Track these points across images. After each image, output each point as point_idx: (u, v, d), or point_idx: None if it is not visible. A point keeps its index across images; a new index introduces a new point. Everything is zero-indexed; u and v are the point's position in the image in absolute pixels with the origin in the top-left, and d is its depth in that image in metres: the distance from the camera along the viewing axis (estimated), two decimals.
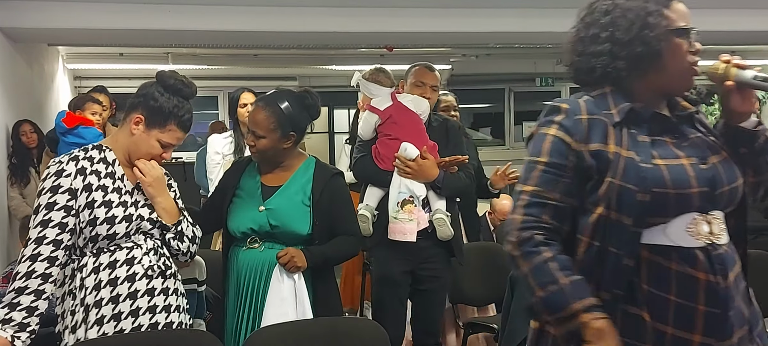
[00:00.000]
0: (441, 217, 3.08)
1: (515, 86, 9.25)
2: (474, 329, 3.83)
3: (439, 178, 3.10)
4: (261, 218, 2.54)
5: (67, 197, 2.12)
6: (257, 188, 2.61)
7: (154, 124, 2.24)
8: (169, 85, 2.27)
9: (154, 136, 2.24)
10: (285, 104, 2.61)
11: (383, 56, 7.39)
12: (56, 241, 2.10)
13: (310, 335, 2.39)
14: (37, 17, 4.65)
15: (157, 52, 7.16)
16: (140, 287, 2.20)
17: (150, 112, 2.23)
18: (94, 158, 2.20)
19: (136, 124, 2.23)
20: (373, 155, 3.19)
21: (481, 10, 5.22)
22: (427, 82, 3.30)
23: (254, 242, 2.56)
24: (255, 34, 5.31)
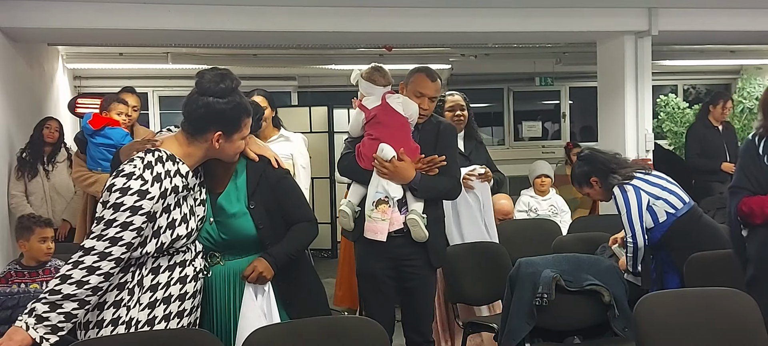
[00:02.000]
0: (414, 218, 3.10)
1: (514, 86, 9.25)
2: (474, 329, 3.84)
3: (415, 179, 3.11)
4: (212, 230, 2.51)
5: (144, 219, 2.13)
6: (208, 199, 2.53)
7: (232, 132, 2.33)
8: (221, 90, 2.30)
9: (237, 138, 2.35)
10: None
11: (382, 56, 7.38)
12: (119, 259, 2.12)
13: (309, 334, 2.39)
14: (37, 17, 4.64)
15: (157, 52, 7.16)
16: (189, 289, 2.29)
17: (224, 125, 2.31)
18: (170, 172, 2.22)
19: (217, 141, 2.31)
20: (356, 154, 3.22)
21: (481, 10, 5.22)
22: (426, 94, 3.22)
23: (215, 257, 2.54)
24: (255, 34, 5.30)
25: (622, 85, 5.69)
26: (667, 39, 5.92)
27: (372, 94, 3.26)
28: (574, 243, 4.11)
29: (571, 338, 3.33)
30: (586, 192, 3.77)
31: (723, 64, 8.85)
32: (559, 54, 8.40)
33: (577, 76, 8.96)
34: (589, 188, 3.70)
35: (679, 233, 3.43)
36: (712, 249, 3.35)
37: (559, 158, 7.75)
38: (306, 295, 2.68)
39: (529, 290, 3.21)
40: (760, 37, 6.17)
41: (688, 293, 2.72)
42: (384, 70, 3.32)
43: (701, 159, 6.33)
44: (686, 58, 8.04)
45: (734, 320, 2.64)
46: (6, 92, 4.86)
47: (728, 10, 5.50)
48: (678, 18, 5.48)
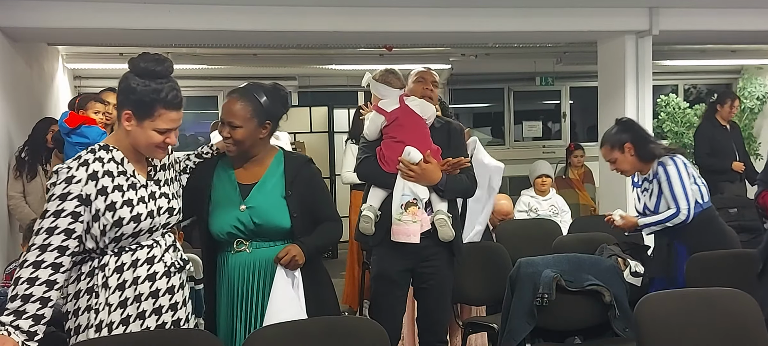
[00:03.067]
0: (442, 218, 3.10)
1: (515, 86, 9.24)
2: (474, 329, 3.84)
3: (442, 181, 3.12)
4: (243, 217, 2.54)
5: (76, 203, 2.11)
6: (234, 187, 2.59)
7: (142, 116, 2.21)
8: (142, 70, 2.23)
9: (148, 126, 2.22)
10: (260, 94, 2.62)
11: (383, 56, 7.38)
12: (61, 247, 2.09)
13: (310, 334, 2.39)
14: (37, 17, 4.64)
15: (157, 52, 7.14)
16: (161, 286, 2.23)
17: (134, 105, 2.21)
18: (103, 159, 2.19)
19: (127, 121, 2.22)
20: (377, 157, 3.20)
21: (481, 10, 5.21)
22: (427, 78, 3.38)
23: (241, 245, 2.56)
24: (255, 34, 5.30)
25: (623, 85, 5.69)
26: (667, 39, 5.91)
27: (388, 96, 3.26)
28: (575, 243, 4.11)
29: (571, 339, 3.33)
30: (612, 157, 3.66)
31: (724, 64, 8.84)
32: (559, 54, 8.39)
33: (578, 76, 8.95)
34: (619, 152, 3.62)
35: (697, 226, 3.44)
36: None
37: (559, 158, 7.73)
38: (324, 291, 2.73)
39: (530, 290, 3.21)
40: (760, 37, 6.16)
41: (689, 293, 2.72)
42: (397, 72, 3.34)
43: (711, 159, 6.31)
44: (687, 58, 8.03)
45: (735, 320, 2.64)
46: (6, 92, 4.85)
47: (729, 10, 5.50)
48: (679, 18, 5.47)
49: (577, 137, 9.23)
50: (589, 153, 7.34)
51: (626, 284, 3.39)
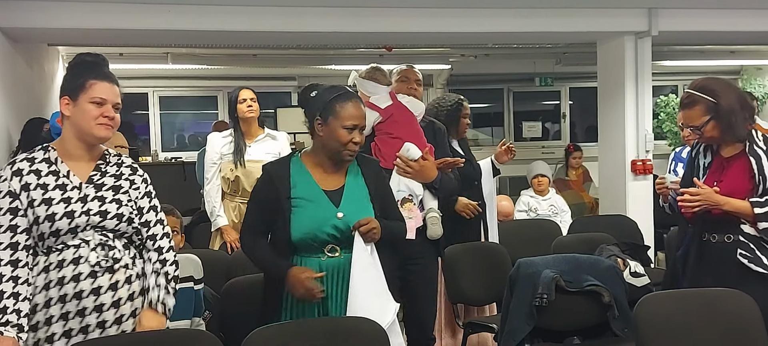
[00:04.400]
0: (434, 215, 3.13)
1: (514, 86, 9.25)
2: (474, 329, 3.84)
3: (437, 179, 3.13)
4: (340, 223, 2.50)
5: (9, 199, 2.15)
6: (320, 193, 2.53)
7: (76, 93, 2.24)
8: (73, 64, 2.33)
9: (84, 101, 2.24)
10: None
11: (382, 56, 7.38)
12: (12, 244, 2.14)
13: (310, 334, 2.39)
14: (37, 17, 4.64)
15: (157, 52, 7.15)
16: (85, 287, 2.18)
17: (69, 89, 2.26)
18: (35, 159, 2.24)
19: (65, 106, 2.26)
20: (373, 153, 3.20)
21: (481, 10, 5.22)
22: (411, 77, 3.43)
23: (334, 250, 2.52)
24: (255, 34, 5.30)
25: (622, 86, 5.69)
26: (667, 39, 5.92)
27: (377, 93, 3.27)
28: (574, 243, 4.12)
29: (570, 339, 3.33)
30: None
31: (723, 65, 8.84)
32: (559, 54, 8.39)
33: (577, 77, 8.95)
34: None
35: None
36: None
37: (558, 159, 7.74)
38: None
39: (529, 290, 3.21)
40: (760, 38, 6.17)
41: (688, 293, 2.72)
42: (384, 69, 3.35)
43: None
44: (686, 58, 8.03)
45: (734, 320, 2.64)
46: (6, 93, 4.86)
47: (728, 10, 5.50)
48: (678, 18, 5.48)
49: (576, 138, 9.23)
50: (589, 153, 7.35)
51: (626, 285, 3.39)
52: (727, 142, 2.81)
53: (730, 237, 2.76)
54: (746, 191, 2.73)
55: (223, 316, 3.08)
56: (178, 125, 9.55)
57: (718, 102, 2.74)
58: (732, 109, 2.74)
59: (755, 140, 2.78)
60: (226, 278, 3.30)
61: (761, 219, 2.68)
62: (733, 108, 2.75)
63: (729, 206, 2.70)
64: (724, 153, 2.84)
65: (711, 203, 2.70)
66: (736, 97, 2.80)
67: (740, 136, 2.77)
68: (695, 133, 2.82)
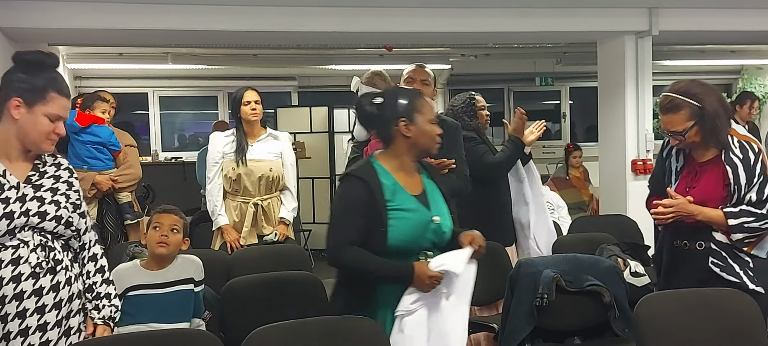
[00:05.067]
0: None
1: (515, 86, 9.25)
2: (474, 329, 3.83)
3: None
4: (437, 228, 2.46)
5: None
6: (409, 198, 2.47)
7: (34, 101, 2.17)
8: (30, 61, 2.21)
9: (39, 112, 2.17)
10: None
11: (383, 56, 7.38)
12: None
13: (310, 335, 2.39)
14: (37, 17, 4.65)
15: (157, 52, 7.16)
16: (27, 288, 2.12)
17: (24, 92, 2.16)
18: None
19: (16, 109, 2.16)
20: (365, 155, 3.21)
21: (481, 10, 5.22)
22: (416, 77, 3.39)
23: (427, 255, 2.45)
24: (255, 34, 5.31)
25: (623, 86, 5.69)
26: (667, 39, 5.92)
27: None
28: (574, 243, 4.11)
29: (571, 339, 3.33)
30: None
31: (723, 64, 8.85)
32: (559, 54, 8.39)
33: (578, 77, 8.96)
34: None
35: None
36: None
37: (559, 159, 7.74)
38: None
39: (530, 290, 3.20)
40: (760, 37, 6.17)
41: (688, 293, 2.72)
42: (384, 74, 3.36)
43: None
44: (687, 58, 8.03)
45: (734, 320, 2.64)
46: None
47: (728, 10, 5.50)
48: (678, 18, 5.48)
49: (576, 137, 9.23)
50: (589, 153, 7.35)
51: (626, 285, 3.39)
52: (701, 145, 2.73)
53: (702, 245, 2.71)
54: (720, 198, 2.67)
55: (223, 316, 3.07)
56: (178, 125, 9.55)
57: (702, 106, 2.65)
58: (716, 113, 2.66)
59: (732, 147, 2.70)
60: (226, 278, 3.30)
61: (734, 230, 2.63)
62: (718, 112, 2.68)
63: (703, 216, 2.64)
64: (697, 157, 2.77)
65: (684, 213, 2.64)
66: (718, 100, 2.72)
67: (723, 142, 2.69)
68: (676, 138, 2.71)
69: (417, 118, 2.46)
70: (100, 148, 4.46)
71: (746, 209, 2.63)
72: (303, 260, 3.82)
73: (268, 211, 4.07)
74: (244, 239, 3.97)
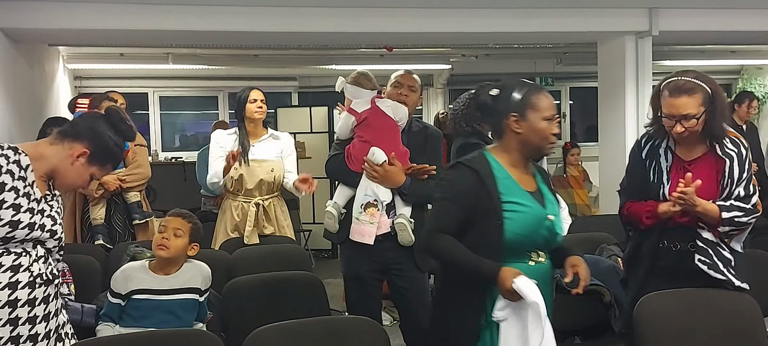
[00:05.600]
0: (402, 222, 3.14)
1: None
2: None
3: (405, 184, 3.14)
4: (552, 228, 2.39)
5: None
6: (524, 194, 2.38)
7: (96, 162, 2.25)
8: (119, 127, 2.30)
9: (92, 170, 2.26)
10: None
11: (383, 56, 7.39)
12: None
13: (310, 334, 2.40)
14: (38, 17, 4.64)
15: (157, 52, 7.16)
16: (21, 296, 2.12)
17: (97, 149, 2.24)
18: (9, 158, 2.15)
19: (78, 157, 2.23)
20: (345, 155, 3.23)
21: (481, 10, 5.22)
22: (403, 82, 3.36)
23: (539, 255, 2.39)
24: (255, 34, 5.31)
25: (623, 86, 5.69)
26: (667, 39, 5.92)
27: (360, 97, 3.32)
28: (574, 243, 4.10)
29: (571, 339, 3.33)
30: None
31: (723, 65, 8.85)
32: (559, 54, 8.40)
33: (578, 77, 8.96)
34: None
35: None
36: None
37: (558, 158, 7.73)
38: None
39: None
40: (760, 37, 6.17)
41: (689, 292, 2.72)
42: (370, 75, 3.37)
43: None
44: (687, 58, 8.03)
45: (734, 320, 2.64)
46: (7, 93, 4.86)
47: (729, 10, 5.50)
48: (678, 18, 5.48)
49: (576, 137, 9.23)
50: (589, 153, 7.35)
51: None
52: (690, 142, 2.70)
53: (689, 244, 2.68)
54: (711, 194, 2.65)
55: (223, 316, 3.08)
56: (179, 125, 9.56)
57: (713, 93, 2.64)
58: (724, 104, 2.68)
59: (724, 143, 2.69)
60: (226, 278, 3.30)
61: (725, 223, 2.62)
62: (724, 102, 2.70)
63: (701, 209, 2.60)
64: (683, 155, 2.73)
65: (691, 203, 2.59)
66: (723, 92, 2.75)
67: (720, 136, 2.67)
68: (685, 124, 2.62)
69: (529, 115, 2.35)
70: None
71: (736, 204, 2.62)
72: (303, 260, 3.83)
73: (269, 211, 4.08)
74: (247, 239, 3.97)
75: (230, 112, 8.82)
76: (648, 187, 2.74)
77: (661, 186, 2.71)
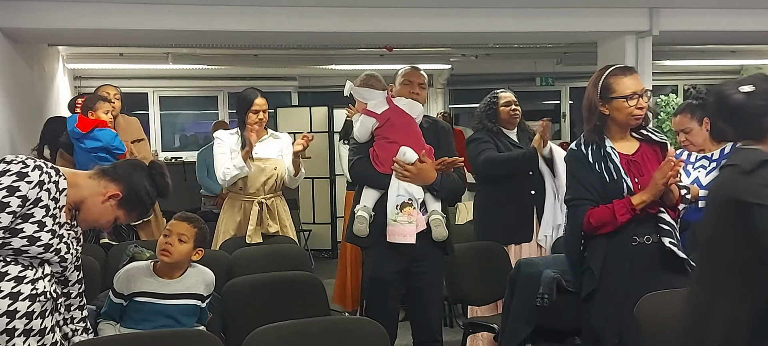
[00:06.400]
0: (437, 218, 3.12)
1: (515, 86, 9.16)
2: (474, 329, 3.84)
3: (437, 181, 3.13)
4: None
5: (19, 202, 2.05)
6: None
7: (125, 207, 2.27)
8: (157, 181, 2.33)
9: (118, 213, 2.27)
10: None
11: (383, 56, 7.39)
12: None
13: (310, 334, 2.39)
14: (37, 17, 4.64)
15: (157, 52, 7.16)
16: (21, 308, 2.10)
17: (129, 195, 2.26)
18: (51, 176, 2.14)
19: (110, 198, 2.24)
20: (371, 158, 3.21)
21: (481, 10, 5.22)
22: (414, 80, 3.34)
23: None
24: (255, 34, 5.30)
25: None
26: (667, 39, 5.92)
27: (373, 99, 3.28)
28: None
29: (571, 339, 3.33)
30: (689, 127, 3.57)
31: (724, 65, 8.85)
32: (559, 54, 8.40)
33: (578, 77, 8.95)
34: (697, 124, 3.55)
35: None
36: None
37: None
38: None
39: (530, 290, 3.20)
40: (760, 37, 6.16)
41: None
42: (378, 75, 3.36)
43: None
44: (687, 58, 8.04)
45: None
46: (7, 93, 4.86)
47: (729, 10, 5.50)
48: (679, 18, 5.48)
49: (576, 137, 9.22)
50: None
51: None
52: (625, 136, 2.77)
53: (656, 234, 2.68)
54: None
55: (223, 316, 3.07)
56: (179, 125, 9.57)
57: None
58: None
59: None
60: (226, 278, 3.30)
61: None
62: None
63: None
64: (623, 151, 2.74)
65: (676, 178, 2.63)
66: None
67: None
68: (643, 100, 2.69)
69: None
70: (102, 154, 4.34)
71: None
72: (303, 260, 3.82)
73: (272, 209, 4.07)
74: (249, 238, 3.97)
75: (230, 111, 8.82)
76: (606, 188, 2.69)
77: (622, 182, 2.67)
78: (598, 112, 2.73)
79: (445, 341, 4.17)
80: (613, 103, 2.71)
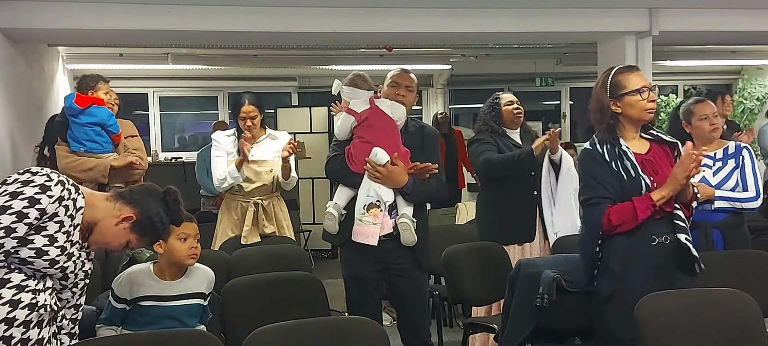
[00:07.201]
0: (405, 222, 3.13)
1: (515, 86, 9.22)
2: (474, 329, 3.83)
3: (408, 184, 3.13)
4: None
5: (37, 215, 2.05)
6: None
7: (137, 231, 2.26)
8: (171, 207, 2.32)
9: (130, 237, 2.27)
10: None
11: (383, 56, 7.39)
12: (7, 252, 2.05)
13: (310, 335, 2.39)
14: (37, 17, 4.64)
15: (157, 52, 7.16)
16: (19, 316, 2.09)
17: (142, 219, 2.26)
18: (71, 193, 2.14)
19: (123, 220, 2.23)
20: (346, 156, 3.22)
21: (481, 10, 5.21)
22: (401, 82, 3.31)
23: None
24: (255, 35, 5.30)
25: None
26: (667, 39, 5.91)
27: (357, 98, 3.30)
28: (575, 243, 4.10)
29: (571, 339, 3.33)
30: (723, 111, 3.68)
31: (724, 65, 8.85)
32: (559, 54, 8.40)
33: (578, 77, 8.96)
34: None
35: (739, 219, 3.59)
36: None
37: None
38: None
39: (530, 290, 3.20)
40: (760, 38, 6.16)
41: (689, 293, 2.71)
42: (366, 76, 3.37)
43: None
44: (687, 58, 8.03)
45: (735, 320, 2.63)
46: (6, 93, 4.85)
47: (729, 10, 5.50)
48: (678, 18, 5.47)
49: (576, 138, 9.23)
50: None
51: None
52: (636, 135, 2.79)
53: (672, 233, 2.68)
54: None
55: (223, 316, 3.07)
56: (179, 125, 9.56)
57: None
58: None
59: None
60: (226, 278, 3.30)
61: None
62: None
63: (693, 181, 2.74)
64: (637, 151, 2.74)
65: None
66: None
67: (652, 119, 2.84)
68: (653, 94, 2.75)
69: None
70: (98, 130, 4.21)
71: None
72: (303, 261, 3.82)
73: (268, 210, 4.07)
74: (244, 239, 3.97)
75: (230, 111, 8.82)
76: (624, 187, 2.68)
77: (640, 179, 2.67)
78: (609, 111, 2.73)
79: (445, 341, 4.19)
80: (624, 99, 2.71)
